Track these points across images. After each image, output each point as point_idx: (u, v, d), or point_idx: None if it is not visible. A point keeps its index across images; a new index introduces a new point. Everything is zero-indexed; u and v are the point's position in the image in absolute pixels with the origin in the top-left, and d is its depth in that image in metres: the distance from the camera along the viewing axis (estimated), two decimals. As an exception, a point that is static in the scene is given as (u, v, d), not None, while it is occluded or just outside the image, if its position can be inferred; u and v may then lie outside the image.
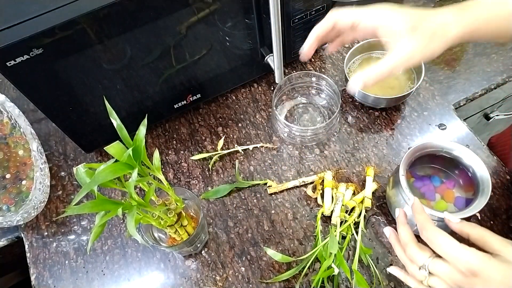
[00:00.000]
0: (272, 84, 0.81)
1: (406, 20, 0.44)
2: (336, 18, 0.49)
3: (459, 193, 0.59)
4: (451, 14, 0.46)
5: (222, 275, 0.62)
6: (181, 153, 0.74)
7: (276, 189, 0.68)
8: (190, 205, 0.63)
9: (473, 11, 0.46)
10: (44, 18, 0.50)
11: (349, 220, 0.62)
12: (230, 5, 0.62)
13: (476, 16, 0.46)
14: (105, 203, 0.44)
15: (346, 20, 0.49)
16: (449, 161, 0.59)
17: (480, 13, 0.46)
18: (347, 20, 0.49)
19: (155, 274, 0.64)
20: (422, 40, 0.44)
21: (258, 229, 0.65)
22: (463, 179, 0.60)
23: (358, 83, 0.47)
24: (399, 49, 0.45)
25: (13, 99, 0.74)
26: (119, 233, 0.68)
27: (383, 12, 0.46)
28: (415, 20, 0.44)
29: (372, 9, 0.47)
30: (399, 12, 0.45)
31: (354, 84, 0.48)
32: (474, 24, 0.45)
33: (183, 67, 0.67)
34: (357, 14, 0.48)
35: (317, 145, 0.73)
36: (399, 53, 0.45)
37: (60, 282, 0.64)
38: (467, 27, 0.45)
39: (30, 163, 0.72)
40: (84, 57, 0.56)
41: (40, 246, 0.68)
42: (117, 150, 0.43)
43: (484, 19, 0.46)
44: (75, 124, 0.64)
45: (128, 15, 0.54)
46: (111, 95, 0.64)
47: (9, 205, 0.69)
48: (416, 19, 0.45)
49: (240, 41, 0.70)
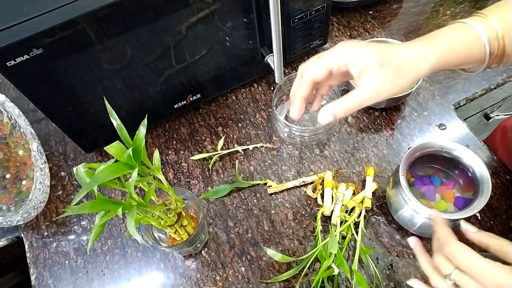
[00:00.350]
0: (272, 84, 0.81)
1: (374, 56, 0.44)
2: (312, 74, 0.48)
3: (459, 193, 0.59)
4: (419, 48, 0.45)
5: (222, 275, 0.62)
6: (181, 153, 0.74)
7: (276, 189, 0.68)
8: (190, 205, 0.63)
9: (440, 42, 0.45)
10: (44, 18, 0.50)
11: (349, 220, 0.62)
12: (230, 5, 0.62)
13: (443, 47, 0.45)
14: (105, 203, 0.44)
15: (321, 72, 0.47)
16: (449, 161, 0.59)
17: (447, 43, 0.45)
18: (322, 71, 0.47)
19: (155, 274, 0.64)
20: (389, 75, 0.44)
21: (258, 229, 0.65)
22: (463, 179, 0.60)
23: (328, 117, 0.47)
24: (366, 85, 0.44)
25: (13, 99, 0.74)
26: (119, 233, 0.68)
27: (351, 49, 0.45)
28: (383, 56, 0.44)
29: (339, 50, 0.46)
30: (366, 48, 0.45)
31: (324, 117, 0.48)
32: (442, 55, 0.45)
33: (183, 67, 0.67)
34: (328, 61, 0.47)
35: (317, 145, 0.73)
36: (366, 88, 0.44)
37: (60, 282, 0.64)
38: (435, 59, 0.45)
39: (30, 163, 0.72)
40: (84, 57, 0.56)
41: (40, 246, 0.68)
42: (117, 150, 0.43)
43: (451, 48, 0.45)
44: (75, 124, 0.64)
45: (128, 15, 0.54)
46: (111, 95, 0.64)
47: (9, 205, 0.69)
48: (383, 54, 0.44)
49: (240, 41, 0.70)
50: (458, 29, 0.46)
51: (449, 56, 0.45)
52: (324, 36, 0.78)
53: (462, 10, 0.89)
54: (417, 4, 0.91)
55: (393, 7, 0.91)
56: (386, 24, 0.88)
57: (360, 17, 0.88)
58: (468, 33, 0.46)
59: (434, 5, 0.90)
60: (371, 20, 0.88)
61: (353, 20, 0.88)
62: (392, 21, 0.89)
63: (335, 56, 0.46)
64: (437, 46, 0.45)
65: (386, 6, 0.91)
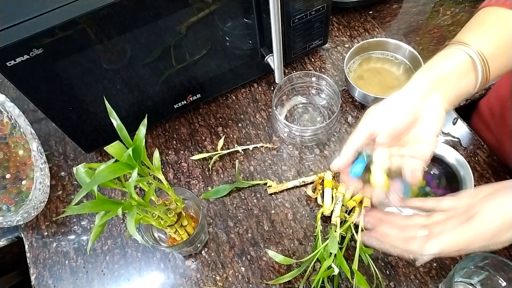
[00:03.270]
0: (272, 84, 0.81)
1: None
2: (371, 128, 0.46)
3: (443, 191, 0.60)
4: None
5: (222, 275, 0.62)
6: (181, 153, 0.74)
7: (276, 189, 0.68)
8: (190, 205, 0.63)
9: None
10: (44, 18, 0.50)
11: (349, 220, 0.62)
12: (230, 5, 0.62)
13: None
14: (105, 203, 0.44)
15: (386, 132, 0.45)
16: (433, 160, 0.59)
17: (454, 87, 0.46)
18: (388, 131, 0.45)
19: (155, 274, 0.64)
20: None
21: (258, 229, 0.65)
22: (447, 178, 0.60)
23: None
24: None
25: (13, 99, 0.74)
26: (119, 233, 0.68)
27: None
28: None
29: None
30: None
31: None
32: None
33: (183, 67, 0.67)
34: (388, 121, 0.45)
35: (317, 145, 0.73)
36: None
37: (60, 282, 0.64)
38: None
39: (30, 163, 0.72)
40: (84, 57, 0.56)
41: (40, 246, 0.68)
42: (117, 150, 0.43)
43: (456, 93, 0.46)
44: (75, 124, 0.64)
45: (128, 15, 0.54)
46: (111, 95, 0.64)
47: (9, 205, 0.69)
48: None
49: (240, 41, 0.70)
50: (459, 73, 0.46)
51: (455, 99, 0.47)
52: (324, 36, 0.78)
53: (462, 10, 0.89)
54: (417, 4, 0.91)
55: (393, 7, 0.91)
56: (386, 24, 0.88)
57: (360, 17, 0.88)
58: (466, 78, 0.46)
59: (434, 5, 0.90)
60: (371, 20, 0.88)
61: (353, 20, 0.88)
62: (392, 21, 0.89)
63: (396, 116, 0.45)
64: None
65: (386, 6, 0.91)
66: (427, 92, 0.44)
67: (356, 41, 0.84)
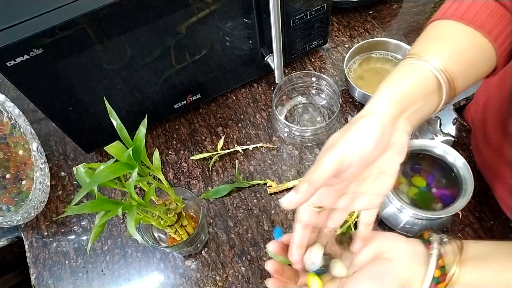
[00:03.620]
0: (272, 84, 0.81)
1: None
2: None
3: (443, 192, 0.60)
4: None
5: (222, 275, 0.62)
6: (181, 153, 0.74)
7: (276, 189, 0.68)
8: (190, 205, 0.63)
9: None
10: (44, 18, 0.50)
11: (349, 220, 0.62)
12: (230, 5, 0.62)
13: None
14: (105, 203, 0.44)
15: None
16: (434, 161, 0.59)
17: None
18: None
19: (155, 274, 0.64)
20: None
21: (258, 229, 0.65)
22: (447, 179, 0.60)
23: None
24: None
25: (13, 99, 0.74)
26: (119, 233, 0.68)
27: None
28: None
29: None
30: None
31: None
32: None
33: (183, 67, 0.67)
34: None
35: (317, 145, 0.73)
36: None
37: (60, 282, 0.64)
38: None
39: (30, 163, 0.72)
40: (84, 57, 0.56)
41: (40, 246, 0.68)
42: (117, 150, 0.43)
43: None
44: (75, 124, 0.64)
45: (128, 15, 0.54)
46: (111, 95, 0.64)
47: (9, 205, 0.69)
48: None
49: (240, 41, 0.70)
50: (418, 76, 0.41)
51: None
52: (324, 36, 0.78)
53: (462, 10, 0.89)
54: (417, 4, 0.91)
55: (393, 7, 0.91)
56: (386, 24, 0.88)
57: (360, 17, 0.88)
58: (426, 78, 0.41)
59: (434, 5, 0.90)
60: (371, 20, 0.88)
61: (353, 20, 0.88)
62: (392, 21, 0.89)
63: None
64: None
65: (386, 6, 0.91)
66: (396, 117, 0.39)
67: (356, 41, 0.84)
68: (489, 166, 0.58)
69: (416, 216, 0.56)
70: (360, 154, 0.37)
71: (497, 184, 0.60)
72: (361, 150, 0.37)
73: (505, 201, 0.60)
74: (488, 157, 0.58)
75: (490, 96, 0.63)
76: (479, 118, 0.65)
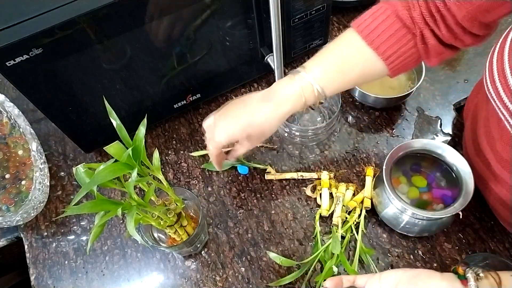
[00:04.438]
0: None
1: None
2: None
3: (444, 192, 0.60)
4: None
5: (222, 275, 0.62)
6: (181, 153, 0.74)
7: (274, 177, 0.68)
8: (190, 205, 0.62)
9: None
10: (44, 18, 0.50)
11: (350, 220, 0.62)
12: (230, 5, 0.62)
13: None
14: (105, 203, 0.44)
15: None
16: (435, 161, 0.59)
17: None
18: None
19: (155, 274, 0.64)
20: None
21: (258, 230, 0.65)
22: (448, 179, 0.59)
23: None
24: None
25: (13, 99, 0.74)
26: (119, 233, 0.67)
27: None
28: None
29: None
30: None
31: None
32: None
33: (183, 67, 0.67)
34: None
35: (317, 145, 0.72)
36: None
37: (59, 282, 0.64)
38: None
39: (29, 163, 0.72)
40: (84, 57, 0.56)
41: (40, 246, 0.68)
42: (117, 150, 0.43)
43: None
44: (75, 124, 0.64)
45: (128, 15, 0.54)
46: (111, 95, 0.64)
47: (9, 205, 0.69)
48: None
49: (240, 41, 0.70)
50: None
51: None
52: (324, 36, 0.78)
53: (462, 10, 0.88)
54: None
55: (393, 7, 0.91)
56: (386, 24, 0.88)
57: (360, 17, 0.88)
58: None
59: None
60: (371, 20, 0.87)
61: (353, 19, 0.88)
62: (392, 21, 0.89)
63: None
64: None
65: (386, 6, 0.91)
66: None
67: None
68: (479, 175, 0.57)
69: (416, 216, 0.56)
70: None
71: (489, 195, 0.59)
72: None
73: (498, 212, 0.59)
74: (478, 167, 0.57)
75: (479, 101, 0.61)
76: (468, 126, 0.64)
